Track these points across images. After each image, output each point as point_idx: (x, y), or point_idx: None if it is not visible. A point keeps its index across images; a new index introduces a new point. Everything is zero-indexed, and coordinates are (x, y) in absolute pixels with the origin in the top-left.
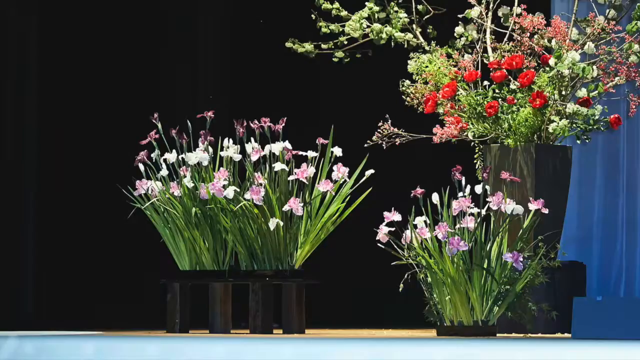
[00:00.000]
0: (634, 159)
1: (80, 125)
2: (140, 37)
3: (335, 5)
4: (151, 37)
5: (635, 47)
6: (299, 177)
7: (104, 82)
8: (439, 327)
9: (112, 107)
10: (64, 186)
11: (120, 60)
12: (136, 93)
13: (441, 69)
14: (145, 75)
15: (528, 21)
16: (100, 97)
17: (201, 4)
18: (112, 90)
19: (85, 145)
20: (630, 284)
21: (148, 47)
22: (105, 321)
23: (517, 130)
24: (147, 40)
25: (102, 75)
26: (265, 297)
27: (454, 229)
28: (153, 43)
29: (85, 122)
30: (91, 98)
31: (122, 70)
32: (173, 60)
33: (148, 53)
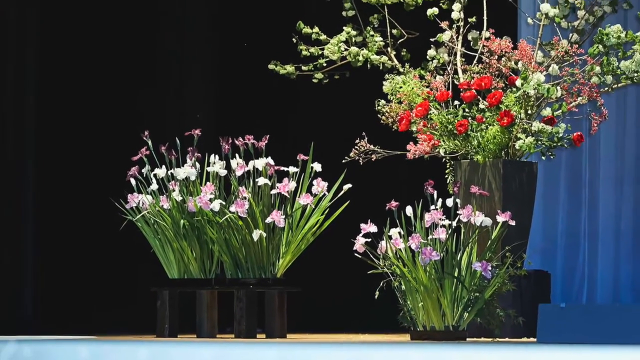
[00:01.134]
0: (596, 174)
1: (76, 143)
2: (132, 60)
3: (315, 29)
4: (143, 60)
5: (597, 69)
6: (280, 191)
7: (98, 102)
8: (413, 331)
9: (105, 126)
10: (61, 199)
11: (112, 82)
12: (128, 112)
13: (414, 89)
14: (137, 95)
15: (496, 45)
16: (94, 116)
17: (189, 29)
18: (106, 110)
19: (81, 161)
20: (592, 292)
21: (140, 70)
22: (99, 326)
23: (486, 147)
24: (139, 63)
25: (95, 95)
26: (249, 304)
27: (426, 240)
28: (145, 66)
29: (80, 139)
30: (86, 117)
31: (115, 90)
32: (163, 81)
33: (140, 75)
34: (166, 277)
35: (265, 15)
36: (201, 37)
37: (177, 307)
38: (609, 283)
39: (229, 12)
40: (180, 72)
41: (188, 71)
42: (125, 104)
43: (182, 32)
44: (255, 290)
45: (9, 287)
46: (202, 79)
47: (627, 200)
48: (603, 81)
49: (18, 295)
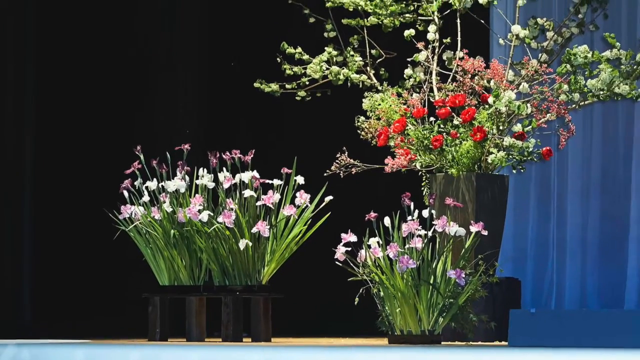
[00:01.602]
0: (564, 186)
1: (72, 158)
2: (125, 80)
3: (298, 50)
4: (135, 80)
5: (565, 87)
6: (265, 202)
7: (93, 119)
8: (390, 336)
9: (100, 141)
10: (58, 210)
11: (107, 101)
12: (121, 128)
13: (392, 106)
14: (129, 112)
15: (469, 64)
16: (90, 132)
17: (180, 50)
18: (101, 126)
19: (77, 174)
20: (560, 298)
21: (132, 89)
22: (93, 330)
23: (460, 161)
24: (132, 83)
25: (91, 113)
26: (236, 310)
27: (403, 249)
28: (137, 85)
29: (75, 155)
30: (82, 134)
31: (109, 108)
32: (154, 99)
33: (132, 94)
34: (157, 284)
35: (251, 36)
36: (191, 57)
37: (168, 313)
38: (576, 289)
39: (217, 34)
40: (171, 91)
41: (178, 90)
42: (118, 121)
43: (172, 53)
44: (241, 296)
45: (8, 293)
46: (191, 96)
47: (593, 211)
48: (571, 99)
49: (17, 301)
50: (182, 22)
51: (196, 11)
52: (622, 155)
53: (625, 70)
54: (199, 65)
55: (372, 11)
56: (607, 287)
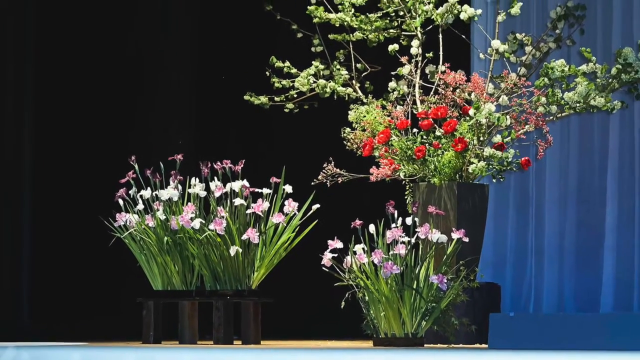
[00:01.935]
0: (542, 195)
1: (69, 168)
2: (120, 94)
3: (287, 63)
4: (130, 93)
5: (543, 99)
6: (255, 210)
7: (90, 131)
8: (375, 338)
9: (96, 152)
10: (56, 219)
11: (103, 113)
12: (117, 139)
13: (377, 118)
14: (125, 124)
15: (451, 77)
16: (87, 143)
17: (173, 63)
18: (97, 137)
19: (74, 184)
20: (538, 302)
21: (128, 101)
22: (90, 333)
23: (442, 170)
24: (127, 95)
25: (87, 125)
26: (227, 313)
27: (387, 255)
28: (132, 97)
29: (72, 165)
30: (78, 145)
31: (105, 120)
32: (148, 111)
33: (128, 106)
34: (151, 288)
35: (241, 51)
36: (183, 72)
37: (161, 316)
38: (554, 294)
39: (209, 49)
40: (164, 103)
41: (171, 102)
42: (114, 132)
43: (166, 67)
44: (232, 300)
45: (8, 297)
46: (183, 108)
47: (570, 219)
48: (548, 111)
49: (17, 306)
50: (175, 37)
51: (188, 27)
52: (598, 166)
53: (601, 83)
54: (191, 79)
55: (358, 27)
56: (583, 292)
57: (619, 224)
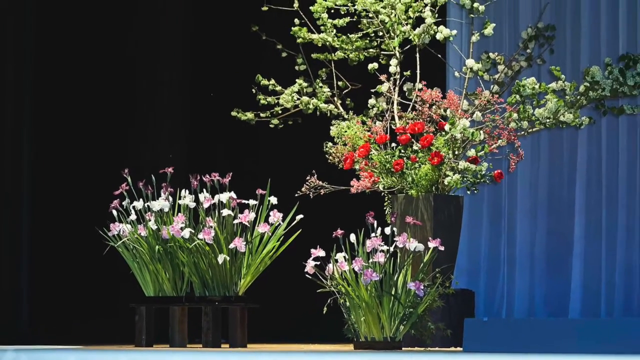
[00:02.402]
0: (514, 206)
1: (66, 181)
2: (114, 110)
3: (272, 81)
4: (123, 109)
5: (515, 115)
6: (242, 220)
7: (86, 146)
8: (356, 342)
9: (91, 165)
10: (54, 229)
11: (98, 129)
12: (111, 153)
13: (357, 133)
14: (119, 139)
15: (428, 94)
16: (83, 157)
17: (164, 81)
18: (92, 152)
19: (71, 196)
20: (510, 307)
21: (121, 118)
22: (85, 337)
23: (419, 182)
24: (120, 112)
25: (83, 140)
26: (215, 318)
27: (367, 263)
28: (125, 114)
29: (69, 179)
30: (75, 159)
31: (100, 136)
32: (140, 127)
33: (121, 122)
34: (143, 294)
35: (229, 69)
36: (174, 88)
37: (153, 321)
38: (525, 300)
39: (198, 68)
40: (156, 119)
41: (162, 118)
42: (108, 147)
43: (157, 84)
44: (220, 306)
45: (8, 304)
46: (174, 124)
47: (540, 229)
48: (520, 126)
49: (17, 311)
50: (167, 58)
51: (180, 48)
52: (567, 179)
53: (570, 100)
54: (182, 96)
55: (339, 46)
56: (553, 298)
57: (587, 233)
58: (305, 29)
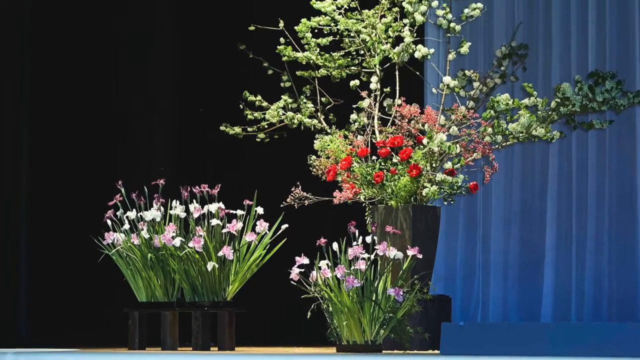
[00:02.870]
0: (488, 216)
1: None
2: (109, 124)
3: (258, 97)
4: (117, 123)
5: (489, 130)
6: (230, 230)
7: (82, 159)
8: (338, 345)
9: (87, 177)
10: (51, 238)
11: (92, 143)
12: (105, 166)
13: (339, 146)
14: (112, 152)
15: (406, 110)
16: (78, 169)
17: (156, 97)
18: (88, 164)
19: (67, 207)
20: (485, 312)
21: (115, 131)
22: (81, 340)
23: (398, 194)
24: (115, 126)
25: (79, 154)
26: (204, 322)
27: (349, 270)
28: (119, 128)
29: (67, 188)
30: (71, 171)
31: (94, 149)
32: (133, 140)
33: (115, 135)
34: (136, 300)
35: (217, 86)
36: (165, 104)
37: (145, 325)
38: (499, 305)
39: (188, 84)
40: (148, 133)
41: (154, 133)
42: (103, 160)
43: (149, 99)
44: (209, 311)
45: (8, 310)
46: (165, 138)
47: (513, 237)
48: (494, 140)
49: (16, 317)
50: (158, 73)
51: (169, 66)
52: (539, 190)
53: (541, 115)
54: (172, 112)
55: (322, 64)
56: (526, 304)
57: (558, 242)
58: (290, 47)
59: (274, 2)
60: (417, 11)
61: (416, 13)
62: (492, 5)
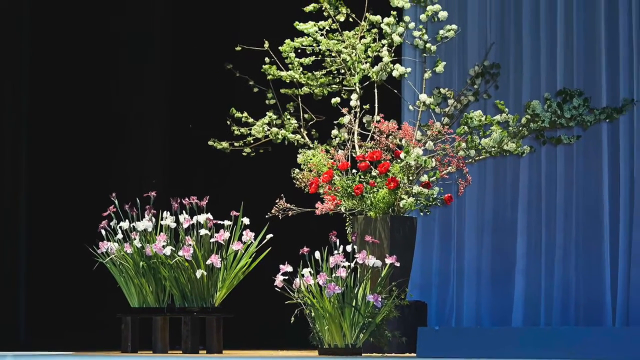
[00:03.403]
0: (462, 226)
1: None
2: (102, 140)
3: (244, 114)
4: (111, 139)
5: (463, 145)
6: (218, 239)
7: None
8: (320, 349)
9: (82, 189)
10: (49, 247)
11: (88, 158)
12: (99, 179)
13: (321, 160)
14: (107, 166)
15: (385, 126)
16: (75, 182)
17: (148, 115)
18: (83, 177)
19: (64, 218)
20: (459, 317)
21: (108, 146)
22: (76, 344)
23: (377, 205)
24: (108, 142)
25: (75, 167)
26: (194, 327)
27: (331, 277)
28: (112, 143)
29: (64, 200)
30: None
31: (90, 164)
32: (126, 154)
33: (108, 150)
34: (129, 306)
35: (206, 103)
36: (157, 120)
37: (137, 329)
38: (472, 310)
39: (179, 101)
40: (140, 148)
41: (146, 147)
42: (97, 174)
43: (142, 117)
44: (198, 316)
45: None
46: (157, 153)
47: (486, 246)
48: (468, 154)
49: (16, 321)
50: (151, 91)
51: (162, 83)
52: (510, 201)
53: (512, 131)
54: (164, 127)
55: (305, 82)
56: (497, 309)
57: (528, 250)
58: (275, 67)
59: (259, 24)
60: (395, 32)
61: (394, 34)
62: (466, 27)
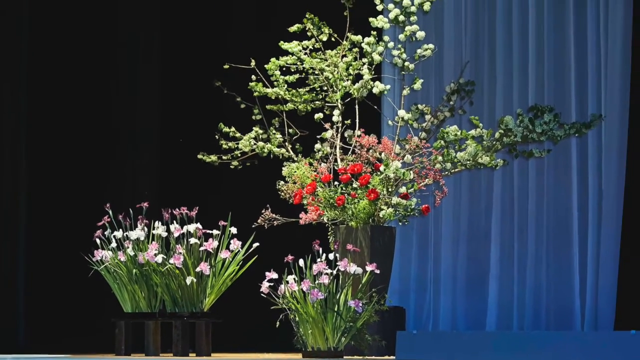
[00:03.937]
0: (439, 235)
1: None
2: (98, 152)
3: (232, 129)
4: (105, 152)
5: (440, 158)
6: (207, 248)
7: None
8: (304, 352)
9: (78, 200)
10: (47, 255)
11: (84, 170)
12: (95, 191)
13: (305, 173)
14: (102, 178)
15: (365, 140)
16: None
17: (141, 127)
18: (79, 189)
19: (61, 227)
20: (436, 322)
21: (103, 158)
22: (72, 347)
23: (358, 215)
24: (103, 155)
25: (71, 180)
26: (184, 331)
27: (314, 284)
28: (106, 156)
29: (61, 211)
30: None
31: (86, 176)
32: (120, 167)
33: (103, 162)
34: (122, 311)
35: (195, 118)
36: (148, 135)
37: (130, 334)
38: (448, 315)
39: (169, 116)
40: (133, 161)
41: (139, 160)
42: (92, 185)
43: (134, 131)
44: (188, 321)
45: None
46: (149, 166)
47: (461, 254)
48: (444, 167)
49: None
50: (143, 107)
51: (154, 99)
52: (484, 212)
53: (486, 145)
54: (156, 141)
55: (290, 99)
56: (472, 314)
57: (501, 258)
58: (261, 84)
59: (246, 43)
60: (375, 51)
61: (374, 53)
62: (442, 46)
